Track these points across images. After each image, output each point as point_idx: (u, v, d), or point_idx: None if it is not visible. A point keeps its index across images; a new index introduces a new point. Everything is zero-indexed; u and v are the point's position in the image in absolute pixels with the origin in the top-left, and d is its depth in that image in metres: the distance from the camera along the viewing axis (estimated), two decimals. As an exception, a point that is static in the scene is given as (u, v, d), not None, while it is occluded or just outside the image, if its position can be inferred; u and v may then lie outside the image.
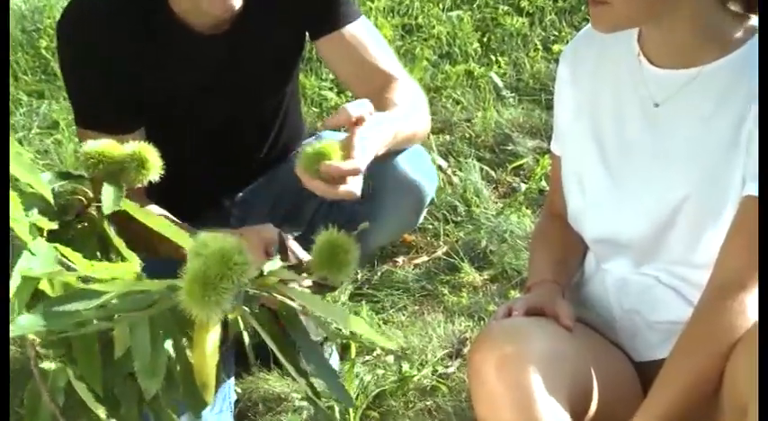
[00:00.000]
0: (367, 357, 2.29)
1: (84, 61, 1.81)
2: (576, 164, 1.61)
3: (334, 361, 2.26)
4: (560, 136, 1.67)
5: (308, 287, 1.14)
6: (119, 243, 1.25)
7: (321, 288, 1.12)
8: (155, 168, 1.33)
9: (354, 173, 1.48)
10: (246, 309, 1.02)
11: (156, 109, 1.87)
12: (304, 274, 1.16)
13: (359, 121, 1.54)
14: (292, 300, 1.04)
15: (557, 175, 1.69)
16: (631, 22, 1.45)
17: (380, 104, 1.80)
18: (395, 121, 1.71)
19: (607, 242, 1.57)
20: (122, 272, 1.05)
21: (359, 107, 1.55)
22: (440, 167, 2.89)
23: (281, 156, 2.11)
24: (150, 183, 1.35)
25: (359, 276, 2.56)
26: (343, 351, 2.27)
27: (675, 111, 1.48)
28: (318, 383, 1.15)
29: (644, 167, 1.51)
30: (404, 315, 2.45)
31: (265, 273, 1.08)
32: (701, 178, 1.46)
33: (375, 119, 1.60)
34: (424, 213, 2.08)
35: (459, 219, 2.77)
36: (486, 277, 2.55)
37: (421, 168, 1.97)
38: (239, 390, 2.17)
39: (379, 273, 2.58)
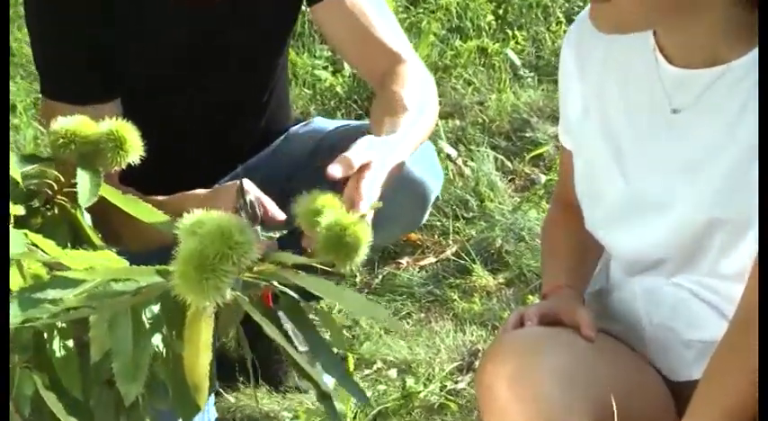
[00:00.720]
0: (366, 371, 2.30)
1: (55, 14, 1.80)
2: (588, 167, 1.61)
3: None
4: (569, 130, 1.67)
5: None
6: (93, 233, 1.26)
7: (329, 276, 1.13)
8: (134, 149, 1.33)
9: None
10: (245, 297, 1.03)
11: (138, 78, 1.88)
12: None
13: (364, 168, 1.55)
14: (298, 289, 1.04)
15: (566, 167, 1.70)
16: (637, 25, 1.45)
17: (387, 102, 1.80)
18: (408, 137, 1.71)
19: (635, 262, 1.58)
20: (101, 260, 1.06)
21: (361, 155, 1.54)
22: (449, 157, 2.90)
23: (263, 141, 2.12)
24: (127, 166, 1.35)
25: (357, 279, 2.57)
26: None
27: (698, 114, 1.49)
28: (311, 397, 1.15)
29: (665, 172, 1.52)
30: (408, 323, 2.46)
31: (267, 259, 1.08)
32: (727, 184, 1.46)
33: (387, 148, 1.61)
34: (428, 212, 2.09)
35: (470, 215, 2.79)
36: (500, 281, 2.57)
37: (426, 164, 1.98)
38: (222, 407, 2.18)
39: (380, 276, 2.59)
